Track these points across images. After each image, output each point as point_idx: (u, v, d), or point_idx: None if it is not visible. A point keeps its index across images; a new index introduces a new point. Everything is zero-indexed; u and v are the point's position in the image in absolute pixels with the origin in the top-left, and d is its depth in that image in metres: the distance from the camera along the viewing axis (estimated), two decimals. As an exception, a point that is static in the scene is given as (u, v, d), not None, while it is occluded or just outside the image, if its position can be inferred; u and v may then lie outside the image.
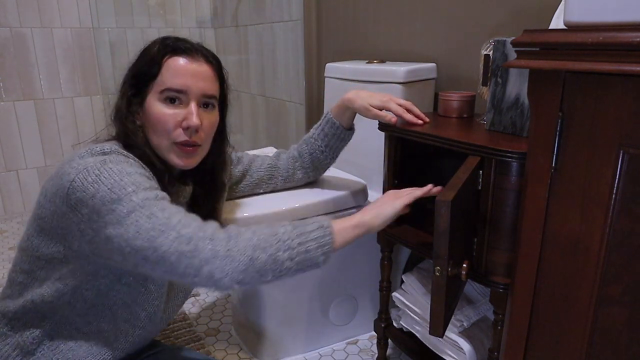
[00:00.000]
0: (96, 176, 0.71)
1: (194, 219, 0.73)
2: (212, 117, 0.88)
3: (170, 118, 0.82)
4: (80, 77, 2.53)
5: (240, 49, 2.47)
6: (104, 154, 0.76)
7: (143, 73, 0.84)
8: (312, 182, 1.27)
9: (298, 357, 1.37)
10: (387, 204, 0.86)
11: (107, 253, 0.73)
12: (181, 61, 0.83)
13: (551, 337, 0.66)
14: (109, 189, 0.70)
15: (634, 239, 0.55)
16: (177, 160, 0.85)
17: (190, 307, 1.63)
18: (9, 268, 0.87)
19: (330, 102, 1.57)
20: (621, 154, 0.54)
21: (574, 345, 0.63)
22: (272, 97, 2.24)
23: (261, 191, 1.21)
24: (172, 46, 0.84)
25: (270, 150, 1.43)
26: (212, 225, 0.73)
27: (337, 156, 1.20)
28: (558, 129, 0.60)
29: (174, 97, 0.83)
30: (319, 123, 1.17)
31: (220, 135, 0.96)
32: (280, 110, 2.20)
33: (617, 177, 0.55)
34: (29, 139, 2.47)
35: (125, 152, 0.78)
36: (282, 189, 1.23)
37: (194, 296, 1.69)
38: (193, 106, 0.84)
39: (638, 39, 0.48)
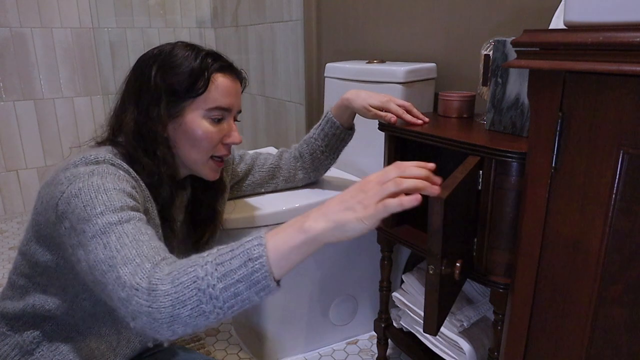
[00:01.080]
0: (78, 190, 0.68)
1: (138, 253, 0.63)
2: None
3: (216, 135, 0.85)
4: (80, 77, 2.53)
5: (240, 49, 2.47)
6: (97, 162, 0.73)
7: (184, 89, 0.81)
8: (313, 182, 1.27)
9: (298, 357, 1.37)
10: (352, 215, 0.59)
11: (80, 273, 0.68)
12: (228, 80, 0.85)
13: (551, 337, 0.66)
14: (83, 206, 0.66)
15: (634, 239, 0.55)
16: (212, 174, 0.88)
17: (190, 307, 1.63)
18: (8, 268, 0.87)
19: (330, 102, 1.57)
20: (621, 154, 0.54)
21: (574, 345, 0.63)
22: (272, 97, 2.24)
23: (262, 190, 1.22)
24: (219, 64, 0.84)
25: (270, 150, 1.43)
26: (147, 264, 0.61)
27: (337, 156, 1.20)
28: (558, 129, 0.60)
29: (219, 115, 0.85)
30: (319, 123, 1.17)
31: None
32: (280, 110, 2.20)
33: (617, 177, 0.55)
34: (29, 139, 2.47)
35: (117, 162, 0.75)
36: (283, 189, 1.23)
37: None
38: (233, 124, 0.88)
39: (638, 39, 0.48)
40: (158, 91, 0.81)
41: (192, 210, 0.97)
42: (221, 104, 0.84)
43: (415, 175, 0.61)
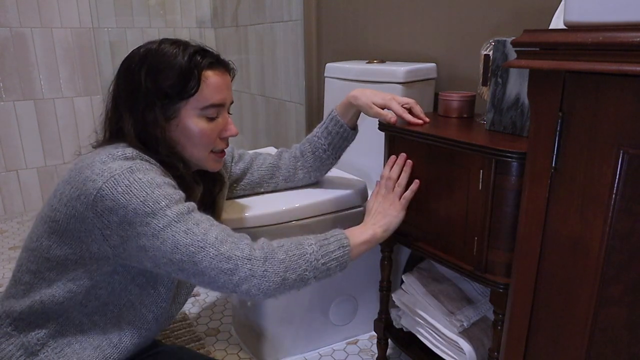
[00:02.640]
0: (126, 187, 0.72)
1: (228, 234, 0.78)
2: None
3: (213, 132, 0.87)
4: (80, 77, 2.53)
5: (240, 49, 2.47)
6: (127, 159, 0.76)
7: (176, 91, 0.81)
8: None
9: (298, 357, 1.37)
10: (391, 216, 0.95)
11: (137, 259, 0.76)
12: (218, 76, 0.86)
13: (551, 337, 0.66)
14: (141, 201, 0.72)
15: (634, 239, 0.55)
16: (215, 166, 0.91)
17: (190, 307, 1.63)
18: (9, 268, 0.87)
19: (330, 102, 1.57)
20: (621, 154, 0.54)
21: (574, 345, 0.63)
22: (272, 97, 2.24)
23: (262, 190, 1.21)
24: (208, 61, 0.84)
25: (270, 150, 1.43)
26: (245, 241, 0.78)
27: (339, 156, 1.20)
28: (558, 129, 0.60)
29: (214, 112, 0.86)
30: (322, 122, 1.17)
31: None
32: (280, 110, 2.20)
33: (617, 177, 0.55)
34: (29, 139, 2.47)
35: (146, 157, 0.79)
36: (283, 189, 1.23)
37: (194, 296, 1.69)
38: (228, 117, 0.90)
39: (638, 39, 0.48)
40: (150, 96, 0.81)
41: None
42: (214, 101, 0.85)
43: (400, 174, 0.99)
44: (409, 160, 0.99)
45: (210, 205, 1.01)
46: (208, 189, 1.00)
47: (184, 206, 0.76)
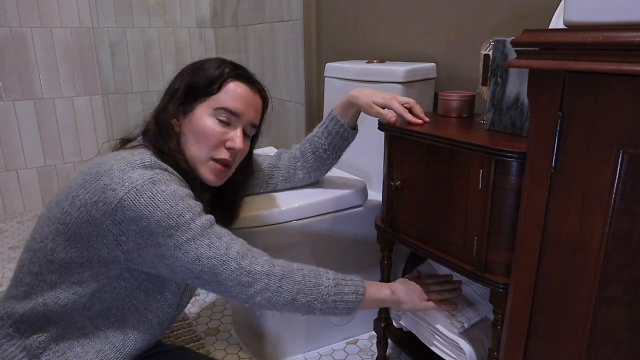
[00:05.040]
0: (150, 199, 0.73)
1: (248, 248, 0.81)
2: (248, 145, 0.96)
3: (218, 134, 0.88)
4: (80, 77, 2.53)
5: (240, 49, 2.47)
6: (146, 168, 0.76)
7: (200, 88, 0.89)
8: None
9: (298, 357, 1.37)
10: (412, 301, 0.97)
11: (152, 265, 0.77)
12: (242, 88, 0.91)
13: (551, 337, 0.66)
14: (166, 215, 0.73)
15: (634, 239, 0.55)
16: (209, 176, 0.90)
17: (190, 307, 1.63)
18: (9, 268, 0.87)
19: (330, 102, 1.57)
20: (621, 154, 0.54)
21: (574, 345, 0.63)
22: (272, 97, 2.23)
23: (261, 191, 1.21)
24: (236, 72, 0.91)
25: (270, 151, 1.43)
26: (264, 257, 0.82)
27: (339, 156, 1.20)
28: (558, 129, 0.60)
29: (227, 118, 0.89)
30: (323, 122, 1.17)
31: (247, 160, 1.02)
32: (280, 110, 2.20)
33: (617, 177, 0.55)
34: (29, 139, 2.47)
35: (164, 166, 0.81)
36: (283, 189, 1.23)
37: (194, 296, 1.69)
38: (240, 131, 0.91)
39: (638, 39, 0.48)
40: (180, 88, 0.89)
41: (215, 200, 1.02)
42: (229, 107, 0.88)
43: (440, 290, 1.01)
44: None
45: (231, 206, 1.05)
46: (225, 212, 1.03)
47: (207, 219, 0.78)
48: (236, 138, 0.90)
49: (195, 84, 0.89)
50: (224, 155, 0.89)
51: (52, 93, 2.48)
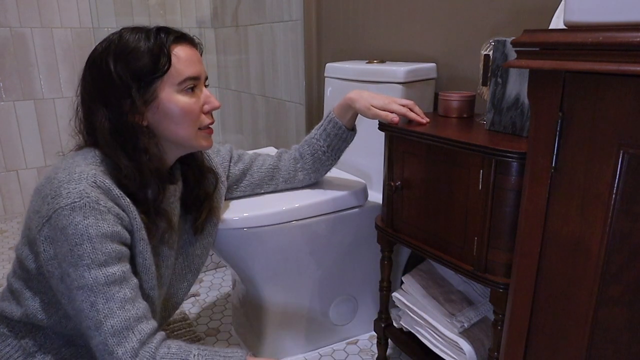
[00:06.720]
0: (63, 227, 0.70)
1: (127, 326, 0.71)
2: None
3: (195, 106, 0.84)
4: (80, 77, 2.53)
5: (240, 49, 2.47)
6: (79, 182, 0.72)
7: (148, 71, 0.79)
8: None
9: (298, 357, 1.37)
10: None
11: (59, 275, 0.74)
12: (187, 49, 0.83)
13: (551, 337, 0.66)
14: (69, 249, 0.70)
15: (634, 239, 0.55)
16: (205, 143, 0.88)
17: (190, 307, 1.63)
18: (9, 268, 0.87)
19: (330, 103, 1.57)
20: (621, 154, 0.54)
21: (574, 345, 0.63)
22: (272, 97, 2.24)
23: (262, 191, 1.21)
24: (171, 37, 0.82)
25: (270, 151, 1.43)
26: (137, 341, 0.72)
27: (338, 157, 1.20)
28: (558, 129, 0.60)
29: (192, 86, 0.83)
30: (320, 123, 1.17)
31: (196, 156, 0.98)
32: (280, 110, 2.20)
33: (617, 177, 0.55)
34: (29, 139, 2.47)
35: (100, 180, 0.74)
36: (284, 190, 1.23)
37: (194, 296, 1.69)
38: (206, 90, 0.87)
39: (638, 39, 0.48)
40: (124, 82, 0.78)
41: (187, 205, 0.97)
42: (190, 74, 0.82)
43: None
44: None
45: (202, 203, 0.99)
46: (197, 182, 0.97)
47: (104, 272, 0.71)
48: (210, 99, 0.86)
49: (141, 70, 0.78)
50: (208, 120, 0.87)
51: (52, 93, 2.48)
